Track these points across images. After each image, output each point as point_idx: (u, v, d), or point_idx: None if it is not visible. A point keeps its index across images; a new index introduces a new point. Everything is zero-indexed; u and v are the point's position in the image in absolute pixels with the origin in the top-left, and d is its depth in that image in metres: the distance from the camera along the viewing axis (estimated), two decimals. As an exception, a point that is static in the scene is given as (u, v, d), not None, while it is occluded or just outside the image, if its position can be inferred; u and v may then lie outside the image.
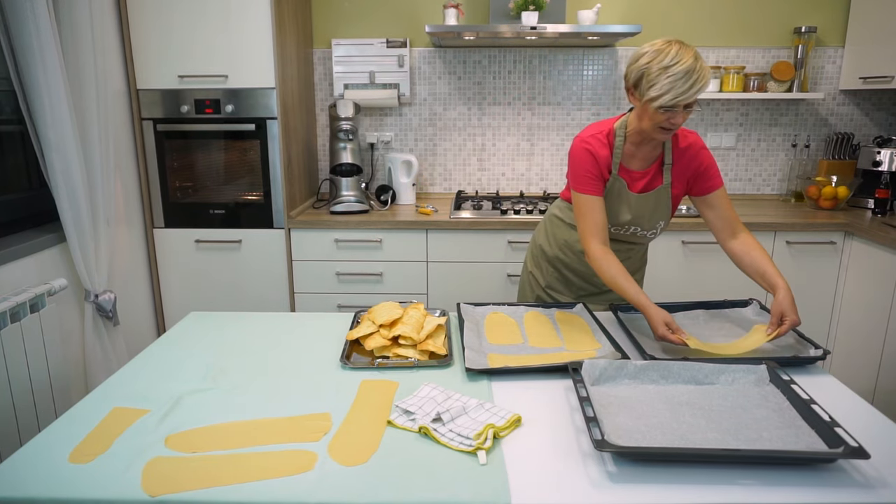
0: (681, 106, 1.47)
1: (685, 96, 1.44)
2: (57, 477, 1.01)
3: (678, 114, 1.49)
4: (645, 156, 1.68)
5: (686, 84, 1.43)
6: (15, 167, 2.21)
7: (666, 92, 1.44)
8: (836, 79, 3.10)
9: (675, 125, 1.51)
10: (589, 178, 1.64)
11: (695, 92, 1.44)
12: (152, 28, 2.54)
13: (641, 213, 1.71)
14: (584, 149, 1.64)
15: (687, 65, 1.43)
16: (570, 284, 1.91)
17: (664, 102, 1.45)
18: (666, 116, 1.49)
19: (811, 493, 0.95)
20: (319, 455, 1.06)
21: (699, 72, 1.43)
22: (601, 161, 1.64)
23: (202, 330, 1.65)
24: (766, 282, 1.57)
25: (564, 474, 1.01)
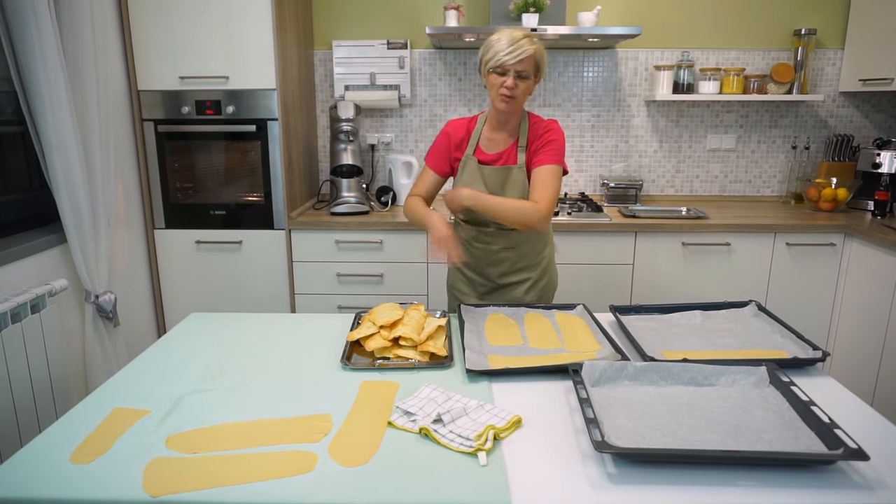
0: (510, 70, 1.67)
1: (508, 57, 1.66)
2: (58, 477, 1.01)
3: (509, 77, 1.68)
4: (503, 139, 1.84)
5: (510, 47, 1.66)
6: (16, 168, 2.21)
7: (495, 54, 1.67)
8: (836, 81, 3.11)
9: (509, 88, 1.69)
10: (436, 155, 1.89)
11: (518, 54, 1.65)
12: (153, 29, 2.54)
13: (493, 187, 1.83)
14: (444, 132, 1.89)
15: (515, 34, 1.68)
16: (472, 283, 1.98)
17: (493, 63, 1.68)
18: (500, 81, 1.69)
19: (810, 494, 0.96)
20: (320, 456, 1.06)
21: (526, 40, 1.67)
22: (454, 141, 1.86)
23: (203, 331, 1.65)
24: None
25: (564, 475, 1.01)
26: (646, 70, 3.12)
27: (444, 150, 1.88)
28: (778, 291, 2.73)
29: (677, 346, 1.48)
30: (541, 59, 1.73)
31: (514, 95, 1.71)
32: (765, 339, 1.51)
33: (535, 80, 1.75)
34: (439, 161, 1.89)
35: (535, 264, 1.95)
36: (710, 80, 2.97)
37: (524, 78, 1.71)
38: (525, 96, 1.75)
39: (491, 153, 1.85)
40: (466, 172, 1.85)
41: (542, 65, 1.74)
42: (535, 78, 1.75)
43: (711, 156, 3.22)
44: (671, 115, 3.17)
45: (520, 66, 1.68)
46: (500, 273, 1.93)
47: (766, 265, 2.70)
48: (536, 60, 1.71)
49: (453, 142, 1.87)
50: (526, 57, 1.67)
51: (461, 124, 1.88)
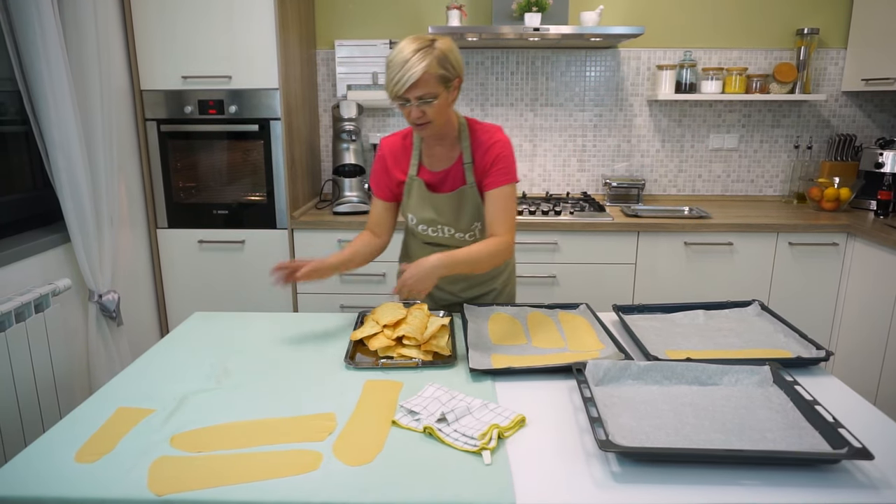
0: (411, 98, 1.44)
1: (397, 87, 1.42)
2: (63, 476, 1.02)
3: (411, 108, 1.46)
4: (444, 154, 1.63)
5: (397, 75, 1.41)
6: (19, 167, 2.22)
7: (388, 83, 1.45)
8: (839, 80, 3.10)
9: (416, 119, 1.48)
10: (379, 181, 1.70)
11: (405, 83, 1.40)
12: (156, 29, 2.54)
13: (446, 213, 1.66)
14: (379, 152, 1.70)
15: (399, 56, 1.42)
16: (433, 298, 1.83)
17: (390, 95, 1.46)
18: (406, 111, 1.49)
19: (815, 493, 0.96)
20: (324, 455, 1.07)
21: (413, 62, 1.40)
22: (392, 162, 1.67)
23: (206, 330, 1.65)
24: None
25: (569, 474, 1.01)
26: (648, 69, 3.12)
27: (384, 176, 1.68)
28: (780, 291, 2.73)
29: (681, 346, 1.48)
30: (443, 68, 1.44)
31: (426, 121, 1.49)
32: (768, 338, 1.51)
33: (449, 90, 1.49)
34: (382, 188, 1.70)
35: (498, 274, 1.82)
36: (713, 79, 2.97)
37: (429, 101, 1.45)
38: (443, 113, 1.51)
39: (436, 171, 1.65)
40: (414, 197, 1.66)
41: (449, 71, 1.46)
42: (446, 90, 1.48)
43: (714, 155, 3.21)
44: (673, 114, 3.17)
45: (417, 92, 1.43)
46: (461, 289, 1.80)
47: (768, 265, 2.70)
48: (436, 75, 1.43)
49: (391, 163, 1.67)
50: (416, 80, 1.40)
51: (396, 142, 1.67)
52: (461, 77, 1.52)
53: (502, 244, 1.55)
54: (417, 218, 1.69)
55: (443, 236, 1.72)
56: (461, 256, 1.48)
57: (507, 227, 1.57)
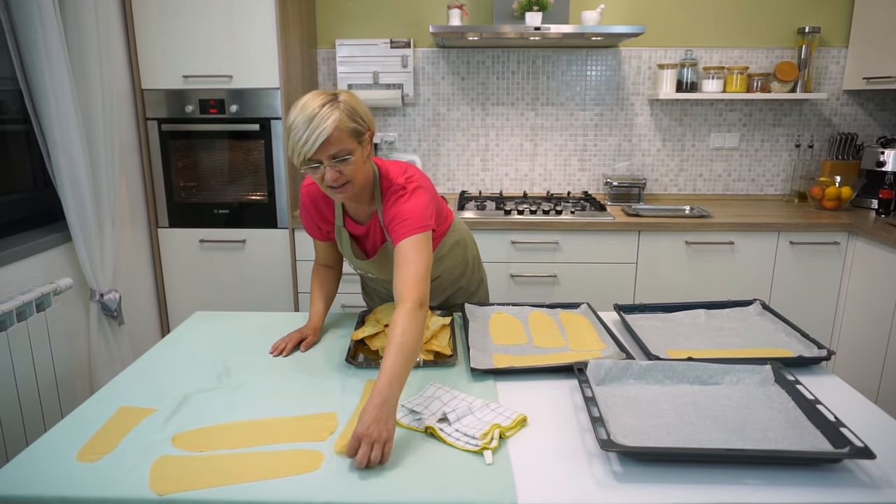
0: (322, 160, 1.30)
1: (307, 147, 1.26)
2: (65, 476, 1.02)
3: (326, 169, 1.31)
4: (363, 211, 1.52)
5: (307, 134, 1.25)
6: (21, 167, 2.22)
7: (292, 150, 1.29)
8: (840, 79, 3.10)
9: (332, 181, 1.32)
10: (311, 224, 1.60)
11: (315, 141, 1.25)
12: (157, 28, 2.54)
13: (376, 271, 1.60)
14: (305, 193, 1.56)
15: (309, 112, 1.26)
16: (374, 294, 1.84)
17: (298, 161, 1.29)
18: (319, 174, 1.33)
19: (817, 493, 0.96)
20: (326, 454, 1.07)
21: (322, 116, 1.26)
22: (317, 214, 1.57)
23: (207, 329, 1.65)
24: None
25: (570, 474, 1.01)
26: (649, 69, 3.11)
27: (312, 222, 1.60)
28: (782, 290, 2.72)
29: (682, 345, 1.48)
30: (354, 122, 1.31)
31: (345, 182, 1.34)
32: (769, 337, 1.51)
33: (363, 145, 1.35)
34: (315, 231, 1.62)
35: (461, 274, 1.78)
36: (714, 78, 2.96)
37: (345, 159, 1.31)
38: (361, 171, 1.37)
39: (359, 225, 1.54)
40: (345, 245, 1.58)
41: (360, 124, 1.33)
42: (360, 145, 1.34)
43: (715, 154, 3.21)
44: (674, 113, 3.16)
45: (331, 150, 1.28)
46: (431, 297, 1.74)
47: (769, 264, 2.70)
48: (348, 129, 1.29)
49: (314, 213, 1.57)
50: (328, 137, 1.26)
51: (317, 191, 1.54)
52: (373, 130, 1.39)
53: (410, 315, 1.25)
54: (352, 263, 1.63)
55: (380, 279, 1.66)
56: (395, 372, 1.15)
57: (410, 288, 1.30)
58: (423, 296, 1.30)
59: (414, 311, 1.26)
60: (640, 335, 1.50)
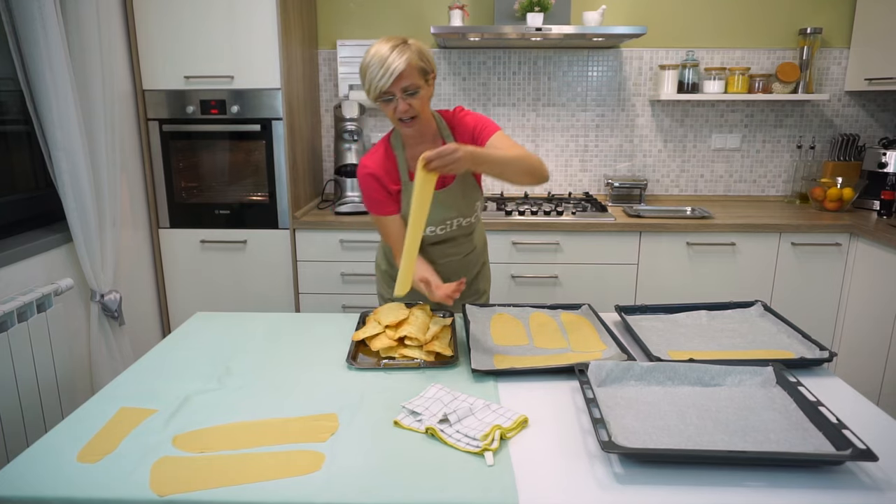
0: (394, 93, 1.48)
1: (383, 82, 1.45)
2: (65, 476, 1.02)
3: (399, 101, 1.50)
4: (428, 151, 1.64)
5: (381, 69, 1.45)
6: (22, 167, 2.22)
7: (369, 84, 1.48)
8: (842, 80, 3.09)
9: (403, 113, 1.51)
10: (380, 200, 1.67)
11: (391, 75, 1.44)
12: (158, 29, 2.54)
13: (454, 204, 1.69)
14: (366, 174, 1.65)
15: (382, 52, 1.46)
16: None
17: (375, 94, 1.49)
18: (390, 107, 1.51)
19: (818, 495, 0.95)
20: (327, 455, 1.07)
21: (394, 58, 1.45)
22: (386, 178, 1.66)
23: (208, 330, 1.65)
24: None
25: (571, 475, 1.01)
26: (650, 69, 3.11)
27: (382, 192, 1.67)
28: (783, 291, 2.72)
29: (683, 347, 1.48)
30: (422, 62, 1.51)
31: (414, 115, 1.53)
32: (771, 339, 1.50)
33: (428, 83, 1.55)
34: (391, 204, 1.68)
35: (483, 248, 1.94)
36: (715, 79, 2.96)
37: (413, 93, 1.50)
38: (427, 107, 1.57)
39: None
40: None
41: (427, 65, 1.53)
42: (426, 82, 1.53)
43: (716, 155, 3.21)
44: (676, 114, 3.16)
45: (403, 83, 1.47)
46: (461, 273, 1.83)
47: (771, 265, 2.70)
48: (417, 67, 1.49)
49: (383, 177, 1.66)
50: (401, 72, 1.45)
51: (378, 160, 1.66)
52: (435, 73, 1.57)
53: (529, 153, 1.55)
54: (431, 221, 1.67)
55: (449, 231, 1.74)
56: (493, 154, 1.48)
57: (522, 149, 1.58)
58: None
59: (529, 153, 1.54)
60: (641, 336, 1.50)
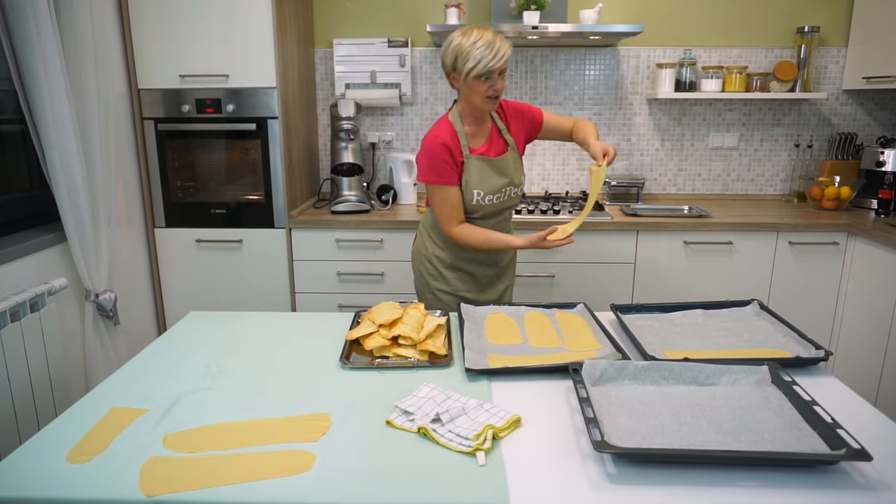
0: (495, 72, 1.72)
1: (494, 61, 1.69)
2: (54, 477, 1.01)
3: (496, 80, 1.74)
4: (482, 132, 1.90)
5: (492, 51, 1.69)
6: (16, 167, 2.21)
7: (479, 61, 1.69)
8: (840, 79, 3.09)
9: (498, 91, 1.76)
10: (447, 168, 1.83)
11: (501, 56, 1.70)
12: (153, 27, 2.53)
13: (508, 172, 1.90)
14: (440, 143, 1.82)
15: (488, 37, 1.71)
16: (475, 278, 2.01)
17: (480, 70, 1.70)
18: (488, 84, 1.74)
19: (813, 495, 0.95)
20: (318, 455, 1.06)
21: (500, 40, 1.71)
22: (454, 150, 1.83)
23: (201, 330, 1.64)
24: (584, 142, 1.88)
25: (563, 475, 1.00)
26: (648, 68, 3.10)
27: (451, 161, 1.84)
28: (780, 290, 2.71)
29: (679, 346, 1.47)
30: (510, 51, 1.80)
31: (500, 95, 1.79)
32: (767, 338, 1.50)
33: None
34: (454, 175, 1.86)
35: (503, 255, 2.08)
36: (713, 77, 2.95)
37: (503, 74, 1.77)
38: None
39: (478, 146, 1.89)
40: (475, 172, 1.86)
41: None
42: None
43: (714, 154, 3.20)
44: (673, 113, 3.15)
45: (503, 66, 1.74)
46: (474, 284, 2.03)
47: (768, 264, 2.69)
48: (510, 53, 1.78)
49: (454, 152, 1.84)
50: (507, 56, 1.73)
51: (446, 132, 1.85)
52: None
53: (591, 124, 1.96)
54: (484, 190, 1.87)
55: (503, 199, 1.93)
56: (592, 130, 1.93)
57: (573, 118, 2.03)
58: None
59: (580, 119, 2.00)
60: (636, 335, 1.49)
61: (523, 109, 1.96)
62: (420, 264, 2.05)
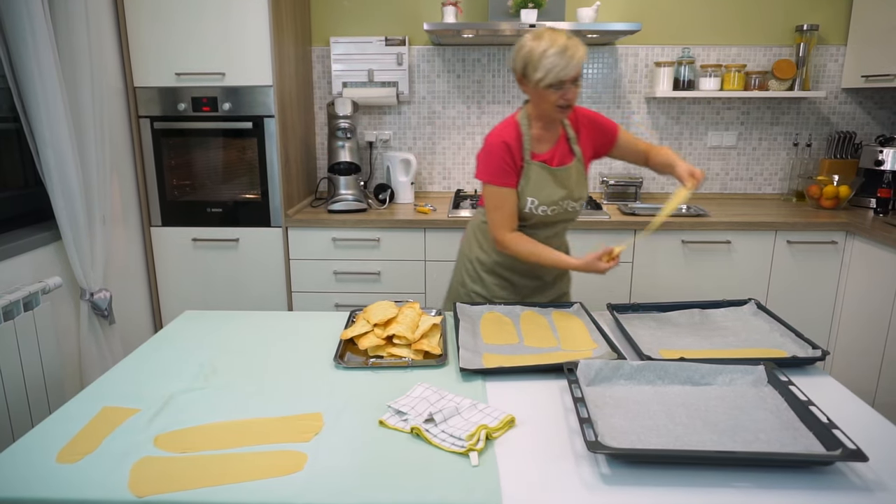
0: (568, 81, 1.59)
1: (566, 71, 1.57)
2: (43, 477, 1.00)
3: (568, 89, 1.61)
4: (550, 138, 1.78)
5: (563, 60, 1.56)
6: (10, 165, 2.20)
7: (550, 70, 1.57)
8: (838, 77, 3.08)
9: (570, 100, 1.63)
10: (506, 169, 1.72)
11: (573, 66, 1.58)
12: (149, 25, 2.52)
13: (569, 185, 1.78)
14: (502, 142, 1.72)
15: (561, 44, 1.57)
16: (514, 286, 1.89)
17: (551, 80, 1.58)
18: (559, 94, 1.61)
19: (808, 495, 0.94)
20: (310, 455, 1.05)
21: (573, 47, 1.58)
22: (515, 152, 1.73)
23: (196, 329, 1.64)
24: (669, 166, 1.79)
25: (557, 476, 0.99)
26: (646, 66, 3.09)
27: (511, 163, 1.72)
28: (779, 290, 2.71)
29: (675, 345, 1.46)
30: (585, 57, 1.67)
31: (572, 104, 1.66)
32: (764, 337, 1.49)
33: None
34: (513, 177, 1.73)
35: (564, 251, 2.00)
36: (711, 76, 2.94)
37: (576, 82, 1.63)
38: None
39: (543, 153, 1.76)
40: (533, 178, 1.74)
41: None
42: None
43: (712, 153, 3.19)
44: (671, 111, 3.14)
45: (576, 74, 1.61)
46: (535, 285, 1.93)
47: (766, 263, 2.68)
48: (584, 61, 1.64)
49: (515, 155, 1.72)
50: (581, 63, 1.60)
51: (511, 132, 1.73)
52: None
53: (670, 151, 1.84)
54: (539, 199, 1.75)
55: (559, 212, 1.80)
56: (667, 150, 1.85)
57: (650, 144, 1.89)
58: None
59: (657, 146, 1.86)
60: (632, 335, 1.48)
61: (597, 120, 1.83)
62: (461, 263, 1.98)
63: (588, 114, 1.82)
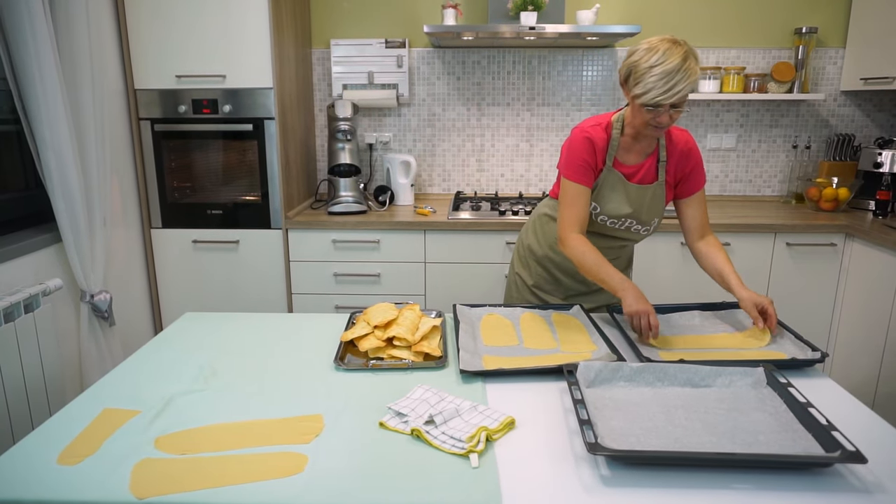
0: (665, 106, 1.46)
1: (665, 97, 1.43)
2: (44, 479, 1.00)
3: (662, 113, 1.48)
4: (641, 150, 1.66)
5: (666, 85, 1.42)
6: (11, 167, 2.21)
7: (648, 90, 1.45)
8: (837, 80, 3.08)
9: (661, 124, 1.50)
10: (584, 166, 1.62)
11: (675, 94, 1.43)
12: (150, 27, 2.53)
13: (639, 206, 1.68)
14: (585, 137, 1.62)
15: (671, 66, 1.42)
16: (559, 284, 1.87)
17: (646, 101, 1.46)
18: (652, 115, 1.49)
19: (807, 497, 0.94)
20: (310, 457, 1.05)
21: (683, 72, 1.42)
22: (598, 151, 1.63)
23: (196, 331, 1.64)
24: (724, 281, 1.62)
25: (557, 478, 0.99)
26: (645, 69, 3.09)
27: (591, 162, 1.63)
28: (778, 292, 2.71)
29: (677, 344, 1.46)
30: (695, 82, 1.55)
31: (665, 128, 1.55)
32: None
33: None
34: (590, 176, 1.63)
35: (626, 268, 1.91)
36: (710, 78, 2.95)
37: (677, 109, 1.49)
38: None
39: (628, 165, 1.66)
40: (607, 186, 1.66)
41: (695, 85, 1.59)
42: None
43: (711, 155, 3.20)
44: (671, 114, 3.14)
45: (675, 102, 1.46)
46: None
47: (766, 265, 2.68)
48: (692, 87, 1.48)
49: (599, 153, 1.63)
50: (684, 95, 1.45)
51: (599, 132, 1.63)
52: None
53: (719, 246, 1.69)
54: (603, 208, 1.68)
55: (622, 228, 1.72)
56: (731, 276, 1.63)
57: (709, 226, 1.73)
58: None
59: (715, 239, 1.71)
60: (632, 337, 1.49)
61: (692, 159, 1.67)
62: (517, 246, 1.97)
63: (689, 146, 1.67)
